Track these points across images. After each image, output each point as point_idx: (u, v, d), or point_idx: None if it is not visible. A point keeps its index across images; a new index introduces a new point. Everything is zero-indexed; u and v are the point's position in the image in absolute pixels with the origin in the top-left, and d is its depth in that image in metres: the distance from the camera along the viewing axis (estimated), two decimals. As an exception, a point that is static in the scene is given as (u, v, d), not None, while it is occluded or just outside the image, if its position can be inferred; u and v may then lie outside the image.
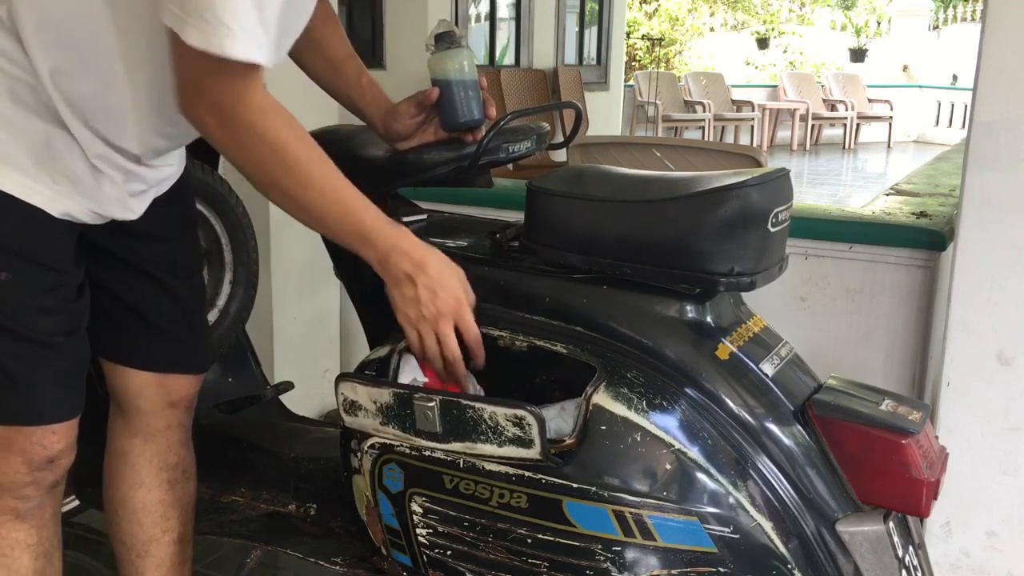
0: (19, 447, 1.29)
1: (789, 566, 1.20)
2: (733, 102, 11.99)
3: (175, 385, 1.53)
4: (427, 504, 1.34)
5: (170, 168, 1.43)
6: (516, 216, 1.47)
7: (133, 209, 1.36)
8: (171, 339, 1.51)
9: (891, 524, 1.21)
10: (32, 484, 1.32)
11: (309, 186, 1.20)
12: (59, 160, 1.25)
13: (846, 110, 12.32)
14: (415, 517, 1.36)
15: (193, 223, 1.58)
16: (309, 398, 2.76)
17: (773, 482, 1.23)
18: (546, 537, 1.26)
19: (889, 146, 12.58)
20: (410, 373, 1.39)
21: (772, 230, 1.27)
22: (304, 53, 1.49)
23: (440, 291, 1.26)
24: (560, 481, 1.24)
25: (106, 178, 1.29)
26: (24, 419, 1.29)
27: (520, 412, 1.23)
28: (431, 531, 1.35)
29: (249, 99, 1.14)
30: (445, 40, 1.41)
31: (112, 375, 1.52)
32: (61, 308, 1.30)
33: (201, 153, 2.02)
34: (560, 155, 5.93)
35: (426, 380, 1.39)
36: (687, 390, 1.26)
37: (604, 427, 1.23)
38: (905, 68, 14.44)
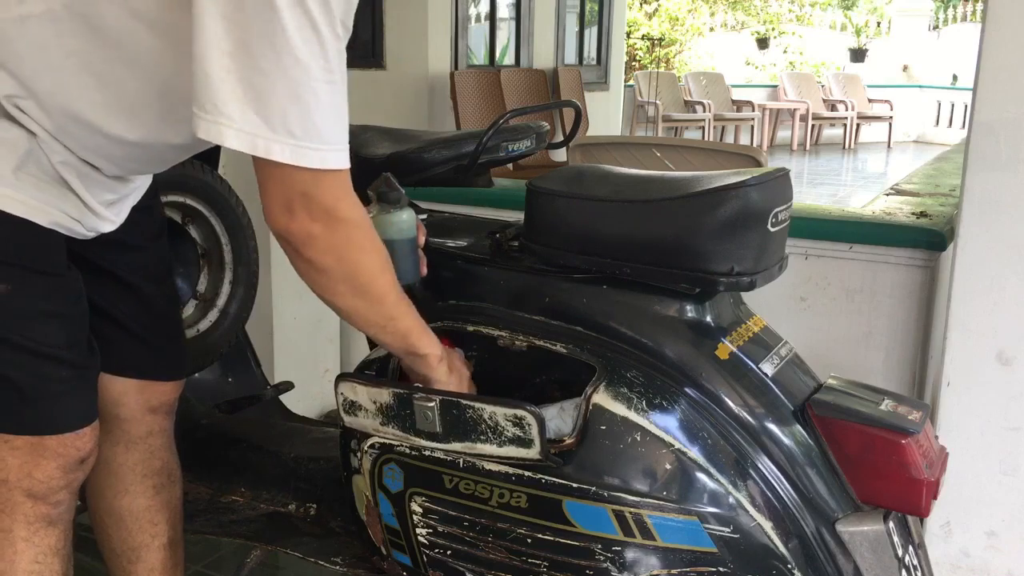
0: (53, 452, 1.29)
1: (789, 566, 1.20)
2: (733, 102, 11.98)
3: (153, 391, 1.52)
4: (427, 504, 1.34)
5: (141, 178, 1.41)
6: (516, 216, 1.47)
7: (111, 219, 1.35)
8: (145, 344, 1.50)
9: (891, 524, 1.21)
10: (65, 488, 1.32)
11: (384, 296, 1.23)
12: (39, 166, 1.21)
13: (846, 110, 12.32)
14: (415, 517, 1.36)
15: (163, 230, 1.56)
16: (309, 398, 2.76)
17: (773, 482, 1.23)
18: (546, 537, 1.26)
19: (889, 146, 12.58)
20: (410, 373, 1.39)
21: (772, 230, 1.27)
22: None
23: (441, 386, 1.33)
24: (560, 481, 1.24)
25: (72, 186, 1.26)
26: (54, 427, 1.29)
27: (520, 412, 1.23)
28: (431, 531, 1.35)
29: (349, 196, 1.14)
30: (387, 200, 1.34)
31: None
32: (61, 312, 1.29)
33: (200, 153, 2.02)
34: (560, 155, 5.93)
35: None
36: (687, 390, 1.26)
37: (604, 427, 1.23)
38: (905, 68, 14.44)
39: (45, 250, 1.26)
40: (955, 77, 13.22)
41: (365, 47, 5.35)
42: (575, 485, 1.23)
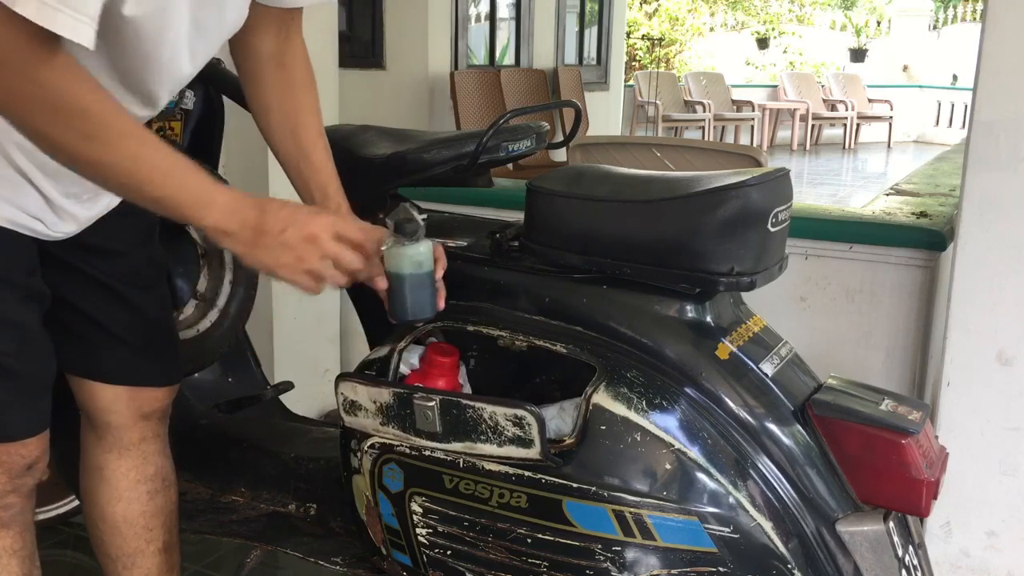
0: None
1: (789, 566, 1.20)
2: (733, 102, 11.98)
3: (145, 398, 1.50)
4: (427, 504, 1.34)
5: None
6: (516, 216, 1.47)
7: (77, 216, 1.30)
8: (135, 351, 1.47)
9: (891, 524, 1.21)
10: (13, 492, 1.31)
11: (113, 144, 1.04)
12: None
13: (846, 110, 12.31)
14: (415, 517, 1.36)
15: (151, 235, 1.50)
16: (309, 398, 2.76)
17: (773, 482, 1.23)
18: (546, 537, 1.26)
19: (889, 146, 12.58)
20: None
21: (772, 230, 1.27)
22: (272, 125, 1.41)
23: (292, 240, 1.16)
24: (560, 481, 1.24)
25: (29, 175, 1.20)
26: None
27: (520, 412, 1.23)
28: (431, 531, 1.35)
29: (52, 57, 0.99)
30: (403, 231, 1.24)
31: (80, 390, 1.48)
32: (12, 320, 1.25)
33: (200, 153, 2.03)
34: (560, 155, 5.93)
35: (426, 380, 1.38)
36: (687, 390, 1.26)
37: (604, 427, 1.23)
38: (905, 68, 14.45)
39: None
40: (955, 77, 13.23)
41: (365, 47, 5.35)
42: (575, 485, 1.23)
